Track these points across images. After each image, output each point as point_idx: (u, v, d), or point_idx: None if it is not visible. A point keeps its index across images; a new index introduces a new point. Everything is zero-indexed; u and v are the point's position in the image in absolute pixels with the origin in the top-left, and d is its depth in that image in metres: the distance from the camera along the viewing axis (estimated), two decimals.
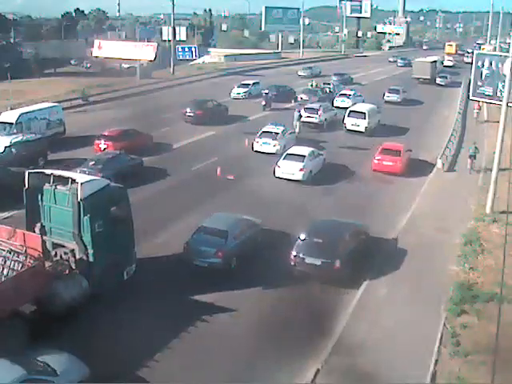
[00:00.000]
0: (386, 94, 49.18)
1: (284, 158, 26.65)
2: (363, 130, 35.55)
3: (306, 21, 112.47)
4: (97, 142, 29.51)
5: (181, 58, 67.25)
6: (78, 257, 15.52)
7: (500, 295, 15.49)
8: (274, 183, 25.64)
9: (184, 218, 21.05)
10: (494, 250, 19.30)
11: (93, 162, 25.02)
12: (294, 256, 17.21)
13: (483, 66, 25.07)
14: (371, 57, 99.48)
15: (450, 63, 79.75)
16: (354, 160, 29.73)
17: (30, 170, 16.58)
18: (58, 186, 15.77)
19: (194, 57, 70.30)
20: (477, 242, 19.96)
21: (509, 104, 22.18)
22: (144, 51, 57.48)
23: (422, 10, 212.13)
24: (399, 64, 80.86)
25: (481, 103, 38.33)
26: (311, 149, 27.72)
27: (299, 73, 65.59)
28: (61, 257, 15.69)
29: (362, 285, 17.09)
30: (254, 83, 50.85)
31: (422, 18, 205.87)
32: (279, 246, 18.62)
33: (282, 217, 21.22)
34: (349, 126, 35.97)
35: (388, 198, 24.92)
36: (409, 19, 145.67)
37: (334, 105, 43.60)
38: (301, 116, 35.52)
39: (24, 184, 16.06)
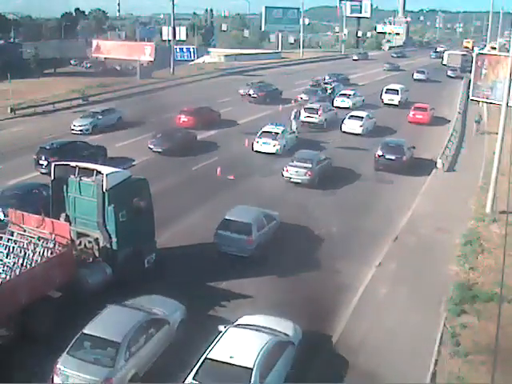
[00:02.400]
0: (415, 74, 65.04)
1: (348, 118, 36.41)
2: (397, 103, 46.21)
3: (306, 21, 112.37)
4: (178, 116, 36.12)
5: (179, 58, 67.15)
6: (101, 245, 16.16)
7: (500, 295, 15.48)
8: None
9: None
10: (494, 250, 19.31)
11: (160, 135, 30.81)
12: (379, 155, 28.44)
13: (483, 65, 25.07)
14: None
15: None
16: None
17: (56, 163, 17.19)
18: (83, 178, 16.42)
19: (192, 57, 70.21)
20: (477, 242, 19.95)
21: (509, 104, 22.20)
22: (142, 51, 57.47)
23: (422, 10, 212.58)
24: (432, 56, 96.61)
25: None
26: (367, 112, 37.92)
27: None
28: (85, 245, 16.28)
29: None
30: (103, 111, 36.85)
31: (422, 18, 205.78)
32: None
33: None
34: (386, 101, 47.00)
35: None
36: (409, 19, 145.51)
37: (334, 105, 43.64)
38: (299, 115, 35.63)
39: (51, 175, 16.84)
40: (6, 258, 14.29)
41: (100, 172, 16.16)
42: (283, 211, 21.47)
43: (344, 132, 35.82)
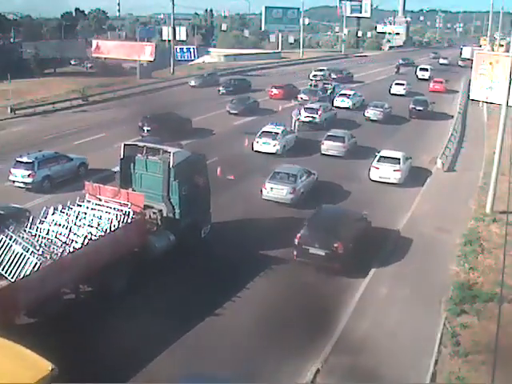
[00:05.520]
0: (440, 60, 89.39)
1: (395, 85, 53.84)
2: (427, 77, 64.05)
3: (306, 21, 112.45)
4: (269, 90, 48.17)
5: (179, 58, 67.10)
6: (165, 215, 17.98)
7: (500, 295, 15.48)
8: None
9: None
10: (494, 250, 19.30)
11: (235, 101, 41.19)
12: (412, 107, 42.93)
13: (483, 65, 25.02)
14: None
15: None
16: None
17: (126, 142, 19.21)
18: (150, 156, 18.31)
19: (193, 57, 70.16)
20: (477, 242, 19.93)
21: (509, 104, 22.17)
22: (143, 51, 57.45)
23: (422, 10, 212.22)
24: (460, 48, 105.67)
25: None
26: (407, 81, 55.57)
27: None
28: (150, 216, 17.83)
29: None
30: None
31: (422, 18, 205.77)
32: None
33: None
34: (420, 76, 66.23)
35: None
36: (409, 19, 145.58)
37: (334, 105, 43.69)
38: (299, 115, 35.78)
39: (120, 154, 18.74)
40: (93, 222, 15.98)
41: (166, 151, 18.14)
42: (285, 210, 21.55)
43: (392, 94, 52.09)
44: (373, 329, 14.77)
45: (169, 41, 67.01)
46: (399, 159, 26.75)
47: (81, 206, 16.95)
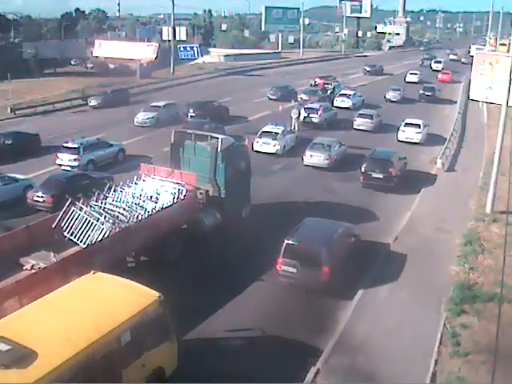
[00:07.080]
0: (450, 56, 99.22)
1: (410, 74, 64.93)
2: (440, 68, 73.84)
3: (306, 21, 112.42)
4: (314, 78, 56.38)
5: (183, 57, 67.14)
6: (211, 195, 19.67)
7: (500, 295, 15.48)
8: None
9: None
10: (494, 249, 19.29)
11: (274, 88, 48.12)
12: (421, 93, 52.04)
13: (483, 65, 25.01)
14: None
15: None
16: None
17: (176, 129, 21.41)
18: (198, 142, 20.05)
19: (196, 56, 70.21)
20: (477, 242, 19.92)
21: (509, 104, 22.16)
22: (145, 51, 57.44)
23: (422, 10, 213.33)
24: (470, 46, 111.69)
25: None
26: (419, 72, 67.11)
27: None
28: (197, 196, 19.31)
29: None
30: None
31: (422, 18, 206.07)
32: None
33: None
34: (434, 68, 76.60)
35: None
36: (409, 19, 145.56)
37: (334, 105, 43.68)
38: (299, 114, 35.81)
39: (171, 140, 20.63)
40: (151, 198, 17.89)
41: (214, 137, 20.02)
42: (288, 206, 21.75)
43: (406, 82, 61.88)
44: (373, 329, 14.77)
45: (169, 41, 67.03)
46: (420, 125, 34.81)
47: (137, 184, 18.85)
